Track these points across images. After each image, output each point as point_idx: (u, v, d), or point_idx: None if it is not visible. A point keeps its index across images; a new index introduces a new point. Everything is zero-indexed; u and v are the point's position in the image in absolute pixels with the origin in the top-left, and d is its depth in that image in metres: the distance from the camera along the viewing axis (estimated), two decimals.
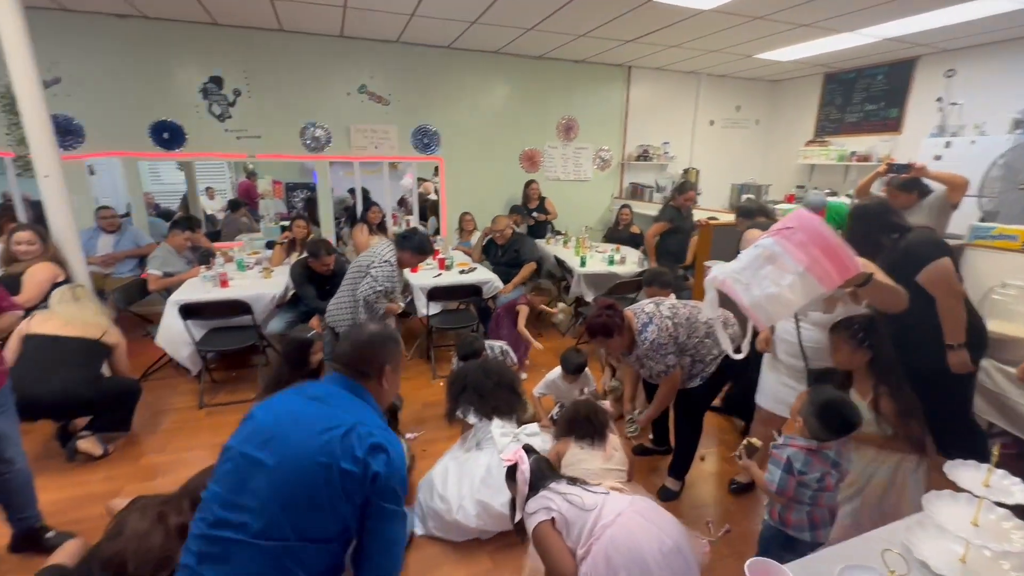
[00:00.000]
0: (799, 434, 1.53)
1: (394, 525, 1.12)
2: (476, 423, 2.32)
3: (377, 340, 1.30)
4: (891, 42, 4.68)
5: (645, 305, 2.23)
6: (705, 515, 2.28)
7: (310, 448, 1.07)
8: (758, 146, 7.07)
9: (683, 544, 1.44)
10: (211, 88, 4.62)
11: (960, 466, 1.15)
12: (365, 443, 1.08)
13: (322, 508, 1.06)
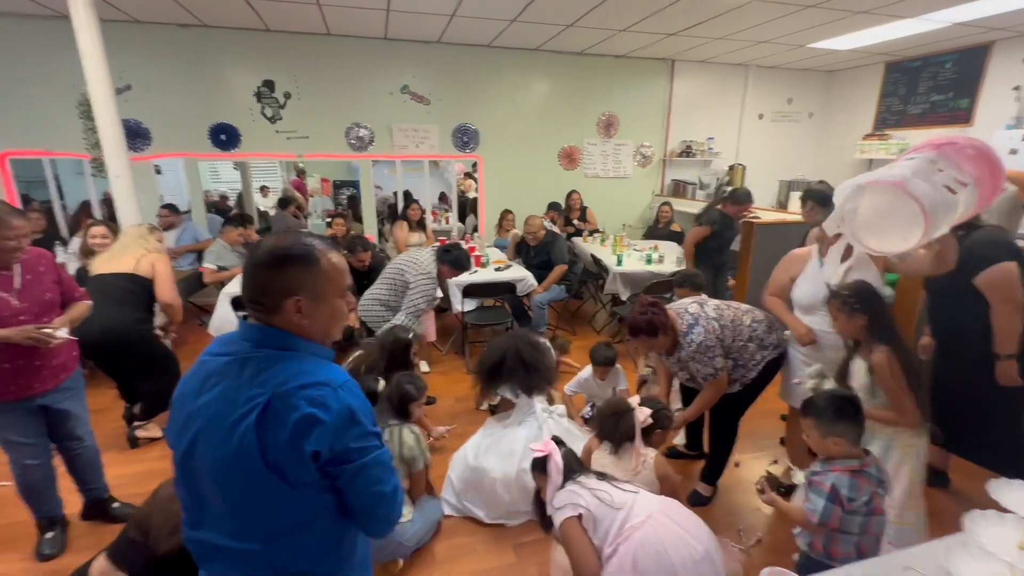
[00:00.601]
0: (835, 456, 1.44)
1: (367, 475, 0.92)
2: (518, 400, 2.37)
3: (269, 262, 0.91)
4: (961, 27, 4.33)
5: (688, 305, 2.14)
6: (738, 523, 2.22)
7: (230, 449, 0.87)
8: (810, 140, 6.73)
9: (713, 552, 1.41)
10: (264, 91, 4.86)
11: (1006, 485, 1.07)
12: (288, 422, 0.85)
13: (276, 503, 0.90)
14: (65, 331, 1.79)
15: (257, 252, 0.93)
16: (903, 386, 1.67)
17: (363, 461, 0.91)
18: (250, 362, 0.90)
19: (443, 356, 4.04)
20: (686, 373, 2.16)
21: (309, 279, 0.92)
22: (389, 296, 3.12)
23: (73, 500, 2.14)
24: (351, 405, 0.89)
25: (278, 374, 0.88)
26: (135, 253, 2.61)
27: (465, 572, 1.97)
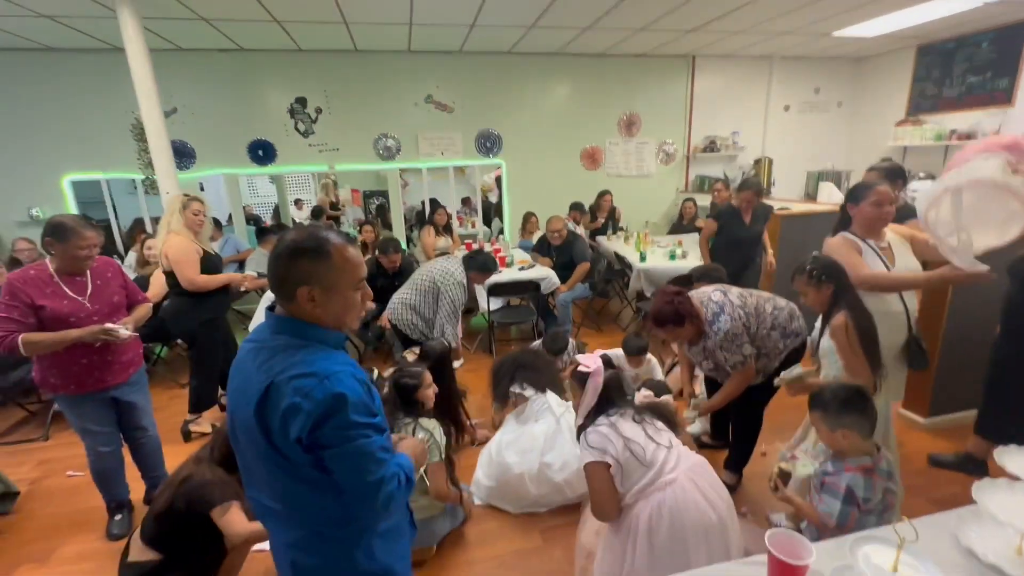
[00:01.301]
0: (846, 455, 1.45)
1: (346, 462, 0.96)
2: (532, 396, 2.46)
3: (285, 254, 0.98)
4: (996, 5, 4.19)
5: (711, 293, 2.12)
6: (763, 510, 2.23)
7: (247, 428, 0.99)
8: (840, 130, 6.57)
9: (728, 522, 1.43)
10: (296, 108, 5.13)
11: (1013, 452, 1.09)
12: (279, 408, 0.92)
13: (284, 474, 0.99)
14: (128, 329, 1.99)
15: (279, 245, 1.00)
16: (857, 349, 1.74)
17: (342, 449, 0.94)
18: (263, 350, 0.99)
19: (471, 354, 4.17)
20: (711, 363, 2.15)
21: (320, 270, 0.98)
22: (420, 302, 3.29)
23: (138, 487, 2.35)
24: (336, 394, 0.92)
25: (280, 363, 0.95)
26: (161, 244, 2.74)
27: (493, 555, 2.06)
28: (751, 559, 1.13)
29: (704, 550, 1.37)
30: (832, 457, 1.50)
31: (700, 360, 2.21)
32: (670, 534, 1.37)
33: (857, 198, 2.01)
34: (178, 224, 2.70)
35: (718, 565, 1.14)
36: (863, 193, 1.99)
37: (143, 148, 4.22)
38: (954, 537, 1.14)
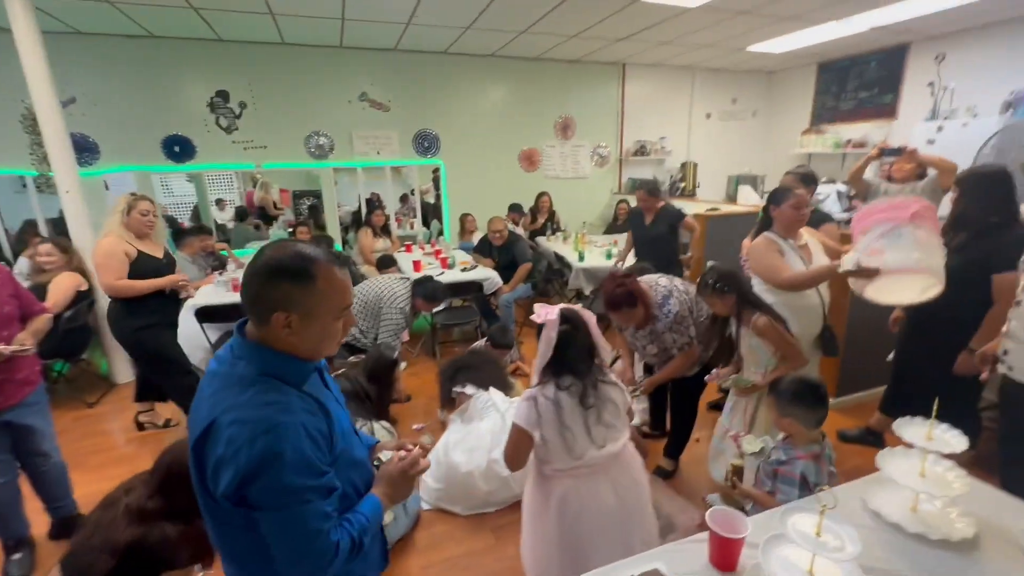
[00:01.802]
0: (797, 441, 1.56)
1: (278, 529, 0.84)
2: (475, 393, 2.48)
3: (264, 272, 0.87)
4: (879, 31, 4.73)
5: (659, 279, 2.24)
6: (699, 492, 2.39)
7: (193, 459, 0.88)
8: (756, 137, 7.13)
9: (632, 509, 1.49)
10: (218, 102, 4.80)
11: (907, 423, 1.25)
12: (214, 454, 0.82)
13: (226, 529, 0.90)
14: (26, 344, 1.78)
15: (257, 260, 0.88)
16: (787, 337, 1.93)
17: (272, 514, 0.83)
18: (218, 376, 0.89)
19: (415, 358, 4.10)
20: (656, 346, 2.23)
21: (302, 295, 0.87)
22: (360, 314, 3.21)
23: (40, 520, 2.10)
24: (271, 453, 0.80)
25: (226, 399, 0.84)
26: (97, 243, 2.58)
27: (446, 557, 2.05)
28: (694, 537, 1.20)
29: (604, 543, 1.45)
30: (782, 445, 1.60)
31: (645, 344, 2.28)
32: (576, 518, 1.45)
33: (779, 201, 2.18)
34: (117, 225, 2.51)
35: (667, 545, 1.21)
36: (784, 196, 2.17)
37: (36, 141, 3.78)
38: (863, 501, 1.28)
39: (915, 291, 1.87)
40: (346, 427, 1.03)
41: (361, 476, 1.05)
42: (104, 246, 2.50)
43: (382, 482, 1.06)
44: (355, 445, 1.06)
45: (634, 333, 2.28)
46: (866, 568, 1.03)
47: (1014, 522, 1.17)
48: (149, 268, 2.60)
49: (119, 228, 2.53)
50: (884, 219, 1.89)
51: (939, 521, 1.19)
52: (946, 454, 1.20)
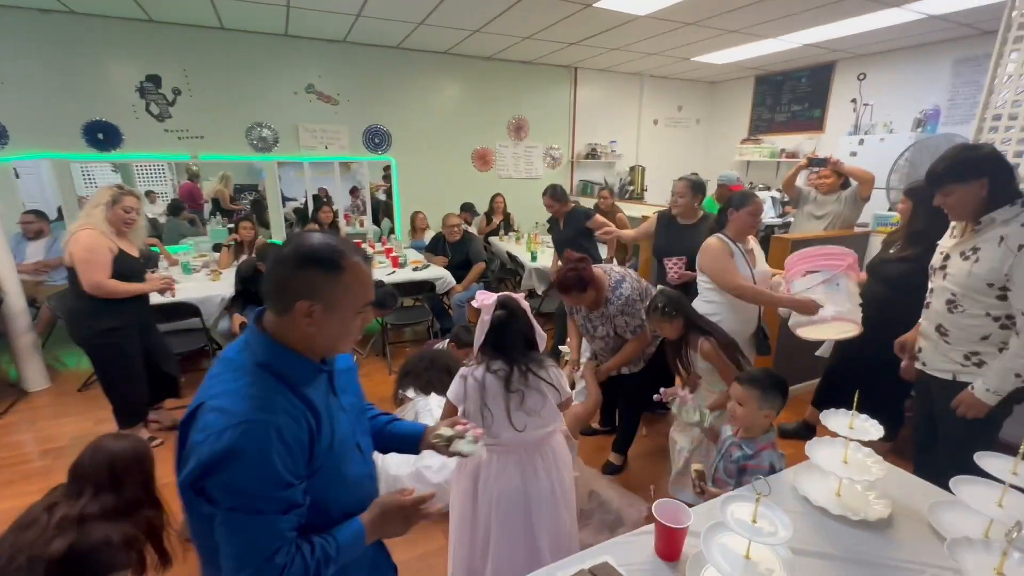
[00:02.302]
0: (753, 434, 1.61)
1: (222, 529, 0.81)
2: (414, 397, 2.44)
3: (291, 259, 0.86)
4: (810, 47, 5.08)
5: (613, 265, 2.33)
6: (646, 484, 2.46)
7: None
8: (699, 144, 7.46)
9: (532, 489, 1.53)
10: (148, 87, 4.47)
11: (833, 414, 1.35)
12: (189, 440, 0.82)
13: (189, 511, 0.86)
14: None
15: (283, 248, 0.88)
16: (728, 362, 2.03)
17: (222, 514, 0.79)
18: (221, 362, 0.88)
19: (364, 359, 4.00)
20: (607, 329, 2.29)
21: (329, 285, 0.86)
22: None
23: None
24: (231, 449, 0.77)
25: (218, 384, 0.84)
26: (72, 231, 2.36)
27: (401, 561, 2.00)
28: (641, 529, 1.25)
29: (505, 524, 1.51)
30: (742, 440, 1.62)
31: (597, 325, 2.32)
32: (482, 492, 1.53)
33: (739, 205, 2.27)
34: (100, 219, 2.35)
35: (615, 538, 1.24)
36: (745, 202, 2.26)
37: None
38: (794, 488, 1.37)
39: (837, 333, 2.15)
40: (343, 439, 0.95)
41: (353, 495, 0.97)
42: (86, 240, 2.31)
43: (375, 509, 0.97)
44: (352, 461, 0.98)
45: (587, 315, 2.33)
46: (796, 550, 1.11)
47: (923, 503, 1.29)
48: (128, 268, 2.45)
49: (102, 223, 2.37)
50: (824, 267, 2.09)
51: (859, 503, 1.30)
52: (867, 442, 1.31)
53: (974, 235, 1.60)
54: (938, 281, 1.73)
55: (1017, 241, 1.47)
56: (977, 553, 0.96)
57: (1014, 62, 2.52)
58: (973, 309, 1.61)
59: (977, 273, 1.57)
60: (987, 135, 2.63)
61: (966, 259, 1.61)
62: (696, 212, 2.84)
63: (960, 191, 1.56)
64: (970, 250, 1.60)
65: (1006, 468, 1.14)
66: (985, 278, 1.55)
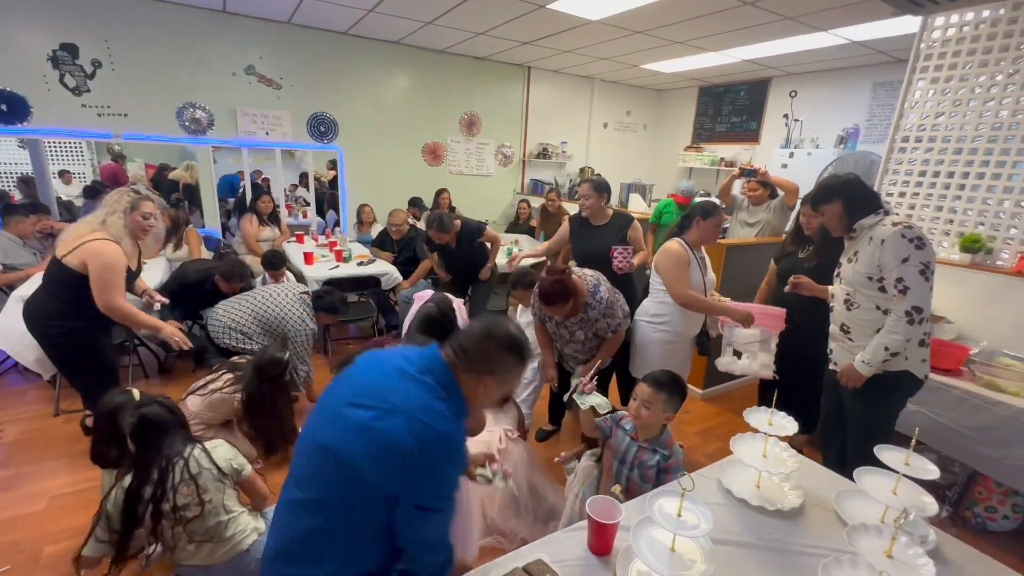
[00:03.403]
0: (652, 433, 1.67)
1: (418, 519, 1.05)
2: None
3: (504, 343, 1.10)
4: (748, 63, 5.37)
5: (585, 270, 2.35)
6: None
7: (346, 425, 1.07)
8: (646, 149, 7.71)
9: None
10: (63, 57, 4.07)
11: (754, 411, 1.44)
12: (390, 439, 0.99)
13: (349, 499, 1.07)
14: None
15: (499, 328, 1.12)
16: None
17: (426, 513, 1.04)
18: (405, 377, 1.06)
19: None
20: (587, 332, 2.30)
21: (511, 373, 1.13)
22: (253, 331, 2.79)
23: None
24: (449, 464, 1.05)
25: (419, 398, 1.02)
26: (83, 234, 2.14)
27: None
28: (576, 525, 1.28)
29: None
30: (651, 443, 1.67)
31: (575, 330, 2.32)
32: None
33: (707, 215, 2.30)
34: (120, 230, 2.16)
35: (549, 536, 1.26)
36: (713, 212, 2.30)
37: None
38: (718, 481, 1.46)
39: (754, 374, 2.42)
40: None
41: None
42: (108, 256, 2.12)
43: None
44: None
45: (561, 322, 2.32)
46: (718, 540, 1.17)
47: (831, 492, 1.40)
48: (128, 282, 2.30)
49: (123, 234, 2.20)
50: (764, 326, 2.31)
51: (775, 494, 1.39)
52: (787, 436, 1.41)
53: (853, 242, 1.88)
54: (837, 287, 1.97)
55: (880, 237, 1.73)
56: (871, 538, 1.05)
57: (921, 89, 2.78)
58: (865, 304, 1.83)
59: (859, 270, 1.81)
60: (897, 154, 2.89)
61: (851, 262, 1.87)
62: (605, 212, 2.87)
63: (828, 210, 1.88)
64: (853, 254, 1.86)
65: (900, 460, 1.26)
66: (865, 273, 1.79)
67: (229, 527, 1.58)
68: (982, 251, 2.54)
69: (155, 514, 1.46)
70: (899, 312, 1.70)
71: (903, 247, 1.67)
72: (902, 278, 1.68)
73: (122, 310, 2.17)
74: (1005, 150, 2.48)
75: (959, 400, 2.10)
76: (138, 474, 1.49)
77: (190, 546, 1.52)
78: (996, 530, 2.22)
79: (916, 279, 1.67)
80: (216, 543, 1.55)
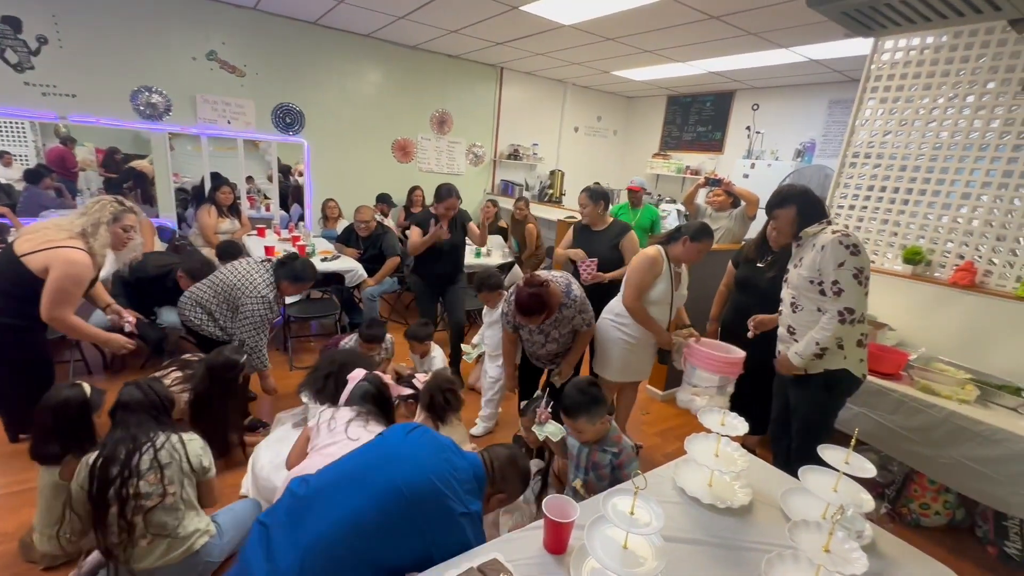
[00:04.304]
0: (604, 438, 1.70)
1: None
2: (307, 402, 2.29)
3: (514, 469, 1.39)
4: (714, 75, 5.53)
5: (552, 273, 2.36)
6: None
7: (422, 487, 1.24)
8: (615, 154, 7.84)
9: None
10: (4, 30, 3.82)
11: (708, 412, 1.48)
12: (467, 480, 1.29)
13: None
14: None
15: (517, 458, 1.42)
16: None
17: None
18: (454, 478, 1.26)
19: None
20: (563, 330, 2.32)
21: (516, 494, 1.44)
22: (214, 306, 2.61)
23: None
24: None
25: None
26: (54, 238, 2.03)
27: None
28: (530, 525, 1.28)
29: None
30: (600, 447, 1.70)
31: (550, 331, 2.33)
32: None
33: (696, 238, 2.27)
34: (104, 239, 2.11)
35: (507, 534, 1.26)
36: (702, 239, 2.29)
37: None
38: (673, 480, 1.49)
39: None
40: None
41: None
42: (79, 268, 2.05)
43: None
44: None
45: (537, 328, 2.32)
46: (669, 537, 1.20)
47: (778, 490, 1.46)
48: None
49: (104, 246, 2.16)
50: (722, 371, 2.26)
51: (726, 492, 1.44)
52: (735, 437, 1.46)
53: (799, 249, 1.99)
54: (785, 290, 2.07)
55: (821, 243, 1.84)
56: (811, 533, 1.10)
57: (871, 108, 2.93)
58: (808, 306, 1.94)
59: (803, 275, 1.91)
60: (848, 169, 3.04)
61: (796, 267, 1.97)
62: (604, 218, 2.97)
63: (782, 214, 1.97)
64: (799, 260, 1.97)
65: (841, 459, 1.32)
66: (807, 277, 1.89)
67: (184, 525, 1.56)
68: (923, 263, 2.70)
69: (119, 498, 1.44)
70: (833, 312, 1.82)
71: (840, 252, 1.78)
72: (837, 281, 1.79)
73: (68, 324, 2.08)
74: (944, 168, 2.64)
75: (898, 403, 2.22)
76: (103, 452, 1.47)
77: (143, 541, 1.49)
78: (929, 525, 2.36)
79: (850, 282, 1.78)
80: (171, 540, 1.53)
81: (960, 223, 2.61)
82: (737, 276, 2.73)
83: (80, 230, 2.09)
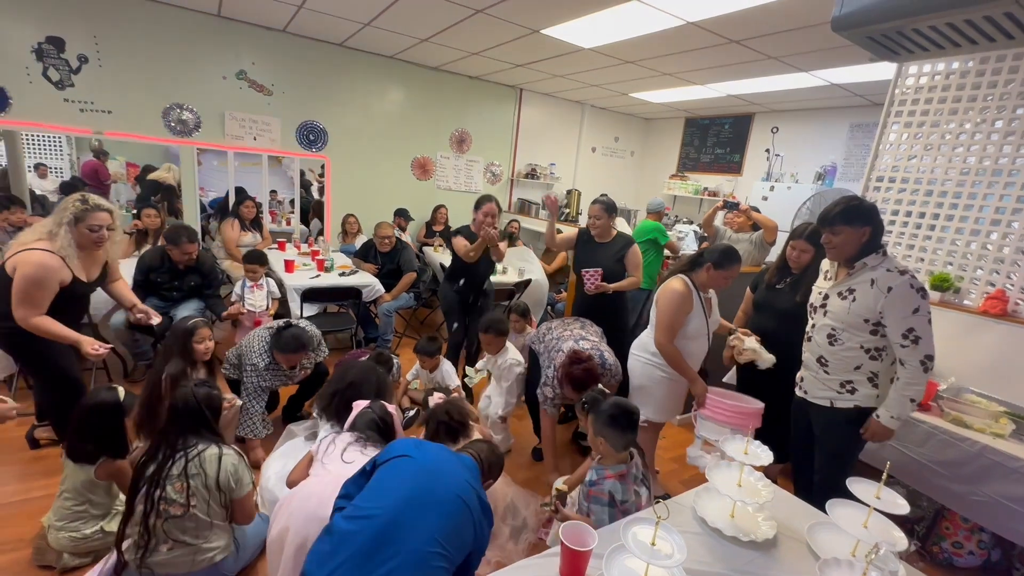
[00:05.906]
0: (607, 462, 1.66)
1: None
2: (316, 416, 2.28)
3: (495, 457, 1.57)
4: (733, 98, 5.54)
5: (577, 343, 2.32)
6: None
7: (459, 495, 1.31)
8: (632, 175, 7.86)
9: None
10: (48, 49, 4.00)
11: (730, 440, 1.44)
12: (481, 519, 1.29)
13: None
14: None
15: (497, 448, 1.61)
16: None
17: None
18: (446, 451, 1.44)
19: None
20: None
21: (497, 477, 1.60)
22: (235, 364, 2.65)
23: None
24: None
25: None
26: (27, 241, 2.05)
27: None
28: (550, 551, 1.25)
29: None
30: (595, 466, 1.67)
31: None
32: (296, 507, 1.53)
33: (719, 265, 2.20)
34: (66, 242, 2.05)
35: (525, 560, 1.23)
36: (731, 263, 2.20)
37: None
38: (693, 510, 1.44)
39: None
40: None
41: None
42: (39, 270, 1.99)
43: None
44: None
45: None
46: (692, 571, 1.16)
47: (803, 523, 1.40)
48: (73, 294, 2.15)
49: (68, 247, 2.06)
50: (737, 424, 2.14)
51: (749, 524, 1.39)
52: (758, 467, 1.41)
53: (848, 278, 1.82)
54: (819, 318, 1.93)
55: (886, 284, 1.70)
56: (843, 572, 1.05)
57: (895, 132, 2.90)
58: (850, 342, 1.83)
59: (855, 311, 1.78)
60: (871, 193, 2.99)
61: (844, 299, 1.82)
62: (611, 232, 2.97)
63: (847, 232, 1.76)
64: (847, 291, 1.82)
65: (871, 493, 1.27)
66: (861, 315, 1.77)
67: (208, 538, 1.60)
68: (951, 290, 2.62)
69: (148, 499, 1.48)
70: (914, 362, 1.69)
71: (913, 298, 1.66)
72: (913, 328, 1.67)
73: (31, 324, 2.03)
74: (972, 194, 2.58)
75: (928, 435, 2.14)
76: (148, 450, 1.57)
77: (163, 547, 1.52)
78: (962, 565, 2.25)
79: (925, 328, 1.67)
80: (191, 551, 1.57)
81: (990, 249, 2.54)
82: (755, 299, 2.68)
83: (49, 230, 2.07)
